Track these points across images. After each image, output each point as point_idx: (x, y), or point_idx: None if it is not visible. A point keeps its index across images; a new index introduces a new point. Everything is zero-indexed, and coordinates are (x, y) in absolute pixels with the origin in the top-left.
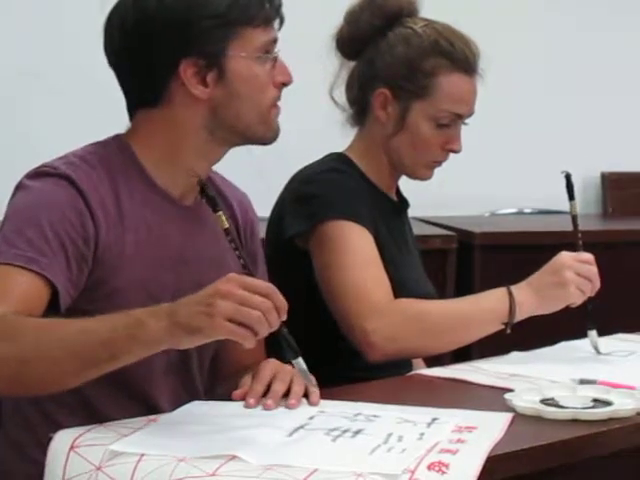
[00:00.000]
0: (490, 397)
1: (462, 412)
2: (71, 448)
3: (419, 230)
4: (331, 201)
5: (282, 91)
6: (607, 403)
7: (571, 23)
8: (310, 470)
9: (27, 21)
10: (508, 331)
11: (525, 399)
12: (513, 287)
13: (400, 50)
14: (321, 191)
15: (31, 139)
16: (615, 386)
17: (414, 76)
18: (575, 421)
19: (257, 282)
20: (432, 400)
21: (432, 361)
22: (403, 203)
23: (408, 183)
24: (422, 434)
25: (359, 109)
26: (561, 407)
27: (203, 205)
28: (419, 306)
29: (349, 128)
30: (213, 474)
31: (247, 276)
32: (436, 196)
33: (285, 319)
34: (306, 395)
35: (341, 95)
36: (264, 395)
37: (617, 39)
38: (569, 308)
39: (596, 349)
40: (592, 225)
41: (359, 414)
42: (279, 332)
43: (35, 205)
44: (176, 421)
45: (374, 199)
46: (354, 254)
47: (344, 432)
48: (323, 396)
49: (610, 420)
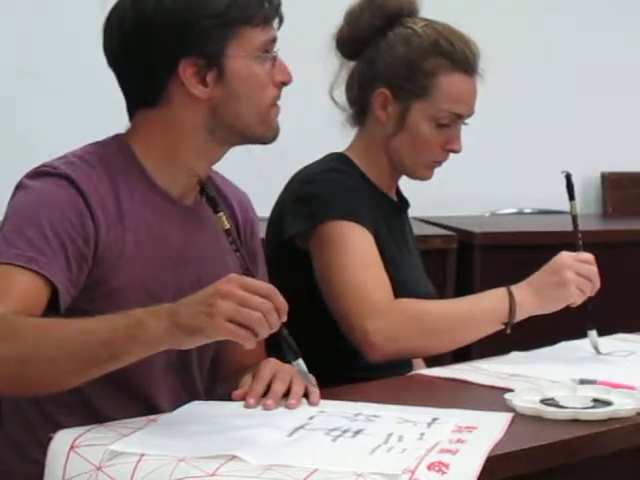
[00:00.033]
0: (490, 397)
1: (462, 412)
2: (71, 448)
3: (419, 230)
4: (331, 201)
5: (282, 90)
6: (607, 403)
7: (571, 23)
8: (310, 470)
9: (27, 21)
10: (508, 331)
11: (525, 399)
12: (513, 287)
13: (400, 50)
14: (321, 191)
15: (31, 139)
16: (615, 386)
17: (414, 76)
18: (575, 421)
19: (258, 283)
20: (432, 400)
21: (432, 361)
22: (403, 203)
23: (408, 183)
24: (422, 434)
25: (359, 109)
26: (561, 407)
27: (203, 205)
28: (419, 306)
29: (349, 128)
30: (213, 474)
31: (248, 277)
32: (436, 196)
33: (285, 320)
34: (306, 395)
35: (341, 95)
36: (264, 395)
37: (617, 39)
38: (569, 308)
39: (596, 349)
40: (592, 225)
41: (359, 414)
42: (279, 333)
43: (35, 205)
44: (176, 421)
45: (374, 199)
46: (354, 254)
47: (344, 432)
48: (323, 396)
49: (610, 420)
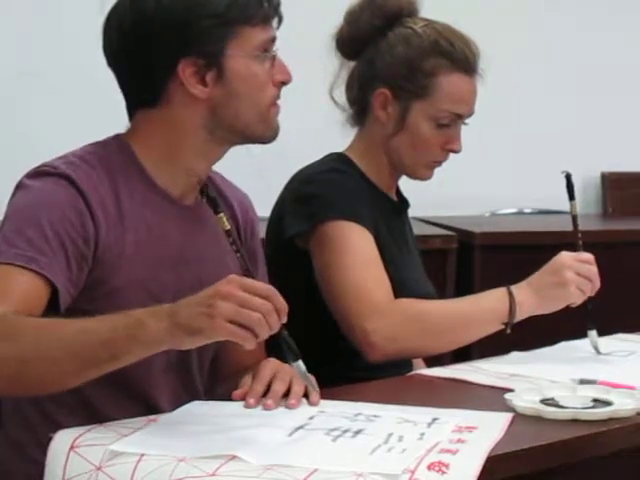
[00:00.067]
0: (490, 397)
1: (462, 412)
2: (71, 448)
3: (419, 230)
4: (331, 201)
5: (282, 90)
6: (607, 403)
7: (571, 23)
8: (310, 470)
9: (27, 21)
10: (508, 331)
11: (525, 399)
12: (513, 287)
13: (400, 50)
14: (321, 191)
15: (31, 139)
16: (615, 386)
17: (414, 76)
18: (575, 421)
19: (258, 284)
20: (432, 400)
21: (432, 361)
22: (403, 203)
23: (408, 183)
24: (422, 434)
25: (359, 109)
26: (561, 407)
27: (203, 205)
28: (419, 306)
29: (349, 128)
30: (213, 474)
31: (248, 278)
32: (436, 196)
33: (285, 321)
34: (306, 395)
35: (341, 95)
36: (264, 395)
37: (617, 39)
38: (569, 308)
39: (596, 349)
40: (592, 225)
41: (359, 414)
42: (279, 334)
43: (35, 205)
44: (176, 421)
45: (374, 199)
46: (354, 254)
47: (344, 432)
48: (323, 396)
49: (610, 420)
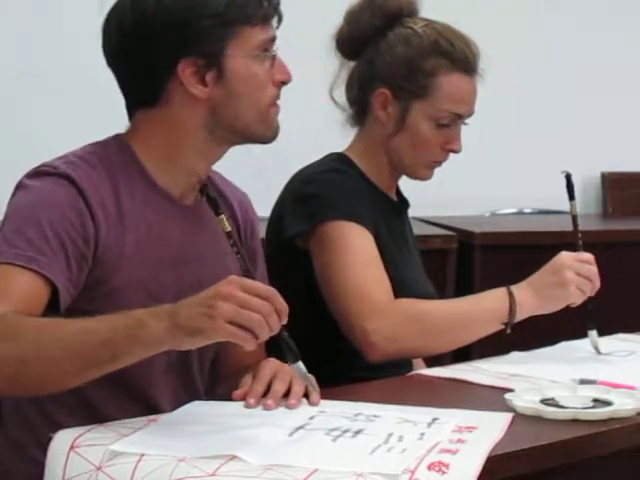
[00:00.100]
0: (490, 397)
1: (462, 412)
2: (71, 448)
3: (419, 230)
4: (331, 201)
5: (282, 90)
6: (607, 403)
7: (571, 23)
8: (310, 470)
9: (27, 21)
10: (508, 331)
11: (525, 399)
12: (513, 287)
13: (400, 50)
14: (321, 191)
15: (31, 139)
16: (615, 386)
17: (414, 76)
18: (575, 421)
19: (258, 285)
20: (432, 400)
21: (432, 361)
22: (403, 203)
23: (408, 183)
24: (422, 434)
25: (359, 109)
26: (561, 407)
27: (203, 204)
28: (419, 306)
29: (349, 128)
30: (213, 474)
31: (248, 279)
32: (436, 196)
33: (286, 323)
34: (306, 395)
35: (341, 95)
36: (264, 395)
37: (617, 39)
38: (569, 308)
39: (596, 349)
40: (592, 225)
41: (359, 414)
42: (279, 336)
43: (35, 204)
44: (176, 421)
45: (374, 199)
46: (354, 254)
47: (344, 432)
48: (323, 396)
49: (610, 420)
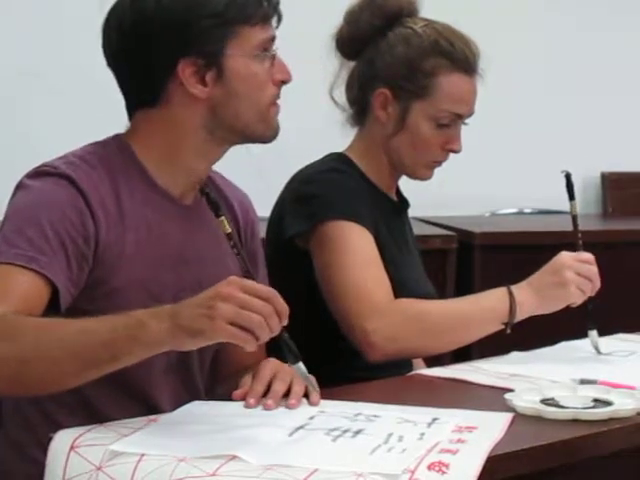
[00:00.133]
0: (490, 397)
1: (462, 412)
2: (71, 448)
3: (419, 230)
4: (331, 201)
5: (282, 90)
6: (607, 403)
7: (571, 23)
8: (310, 470)
9: (27, 21)
10: (508, 331)
11: (525, 399)
12: (513, 287)
13: (400, 50)
14: (321, 191)
15: (31, 139)
16: (615, 386)
17: (414, 76)
18: (575, 421)
19: (258, 286)
20: (432, 400)
21: (432, 361)
22: (403, 203)
23: (408, 183)
24: (422, 434)
25: (359, 109)
26: (561, 407)
27: (203, 204)
28: (419, 306)
29: (349, 128)
30: (213, 474)
31: (248, 279)
32: (436, 196)
33: (286, 324)
34: (306, 395)
35: (341, 95)
36: (264, 395)
37: (617, 39)
38: (569, 308)
39: (597, 349)
40: (592, 225)
41: (359, 414)
42: (280, 337)
43: (35, 204)
44: (176, 421)
45: (374, 199)
46: (354, 254)
47: (344, 432)
48: (323, 396)
49: (610, 420)
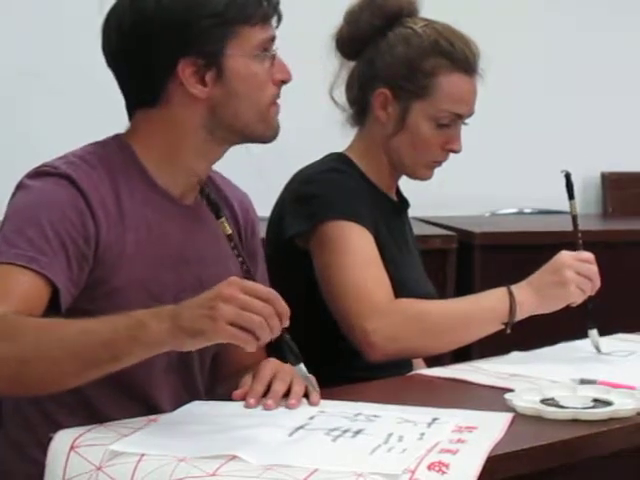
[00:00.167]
0: (490, 397)
1: (462, 412)
2: (71, 448)
3: (419, 230)
4: (331, 201)
5: (281, 89)
6: (607, 403)
7: (571, 23)
8: (310, 470)
9: (27, 21)
10: (508, 331)
11: (525, 399)
12: (513, 286)
13: (400, 50)
14: (321, 191)
15: (31, 139)
16: (615, 386)
17: (414, 76)
18: (575, 421)
19: (259, 287)
20: (432, 400)
21: (432, 361)
22: (403, 203)
23: (408, 183)
24: (422, 434)
25: (359, 109)
26: (561, 407)
27: (203, 204)
28: (419, 306)
29: (349, 128)
30: (213, 474)
31: (249, 280)
32: (436, 196)
33: (287, 325)
34: (306, 395)
35: (341, 95)
36: (264, 395)
37: (617, 39)
38: (569, 308)
39: (597, 348)
40: (592, 225)
41: (359, 414)
42: (281, 338)
43: (35, 205)
44: (176, 421)
45: (374, 199)
46: (354, 254)
47: (344, 432)
48: (323, 396)
49: (610, 420)
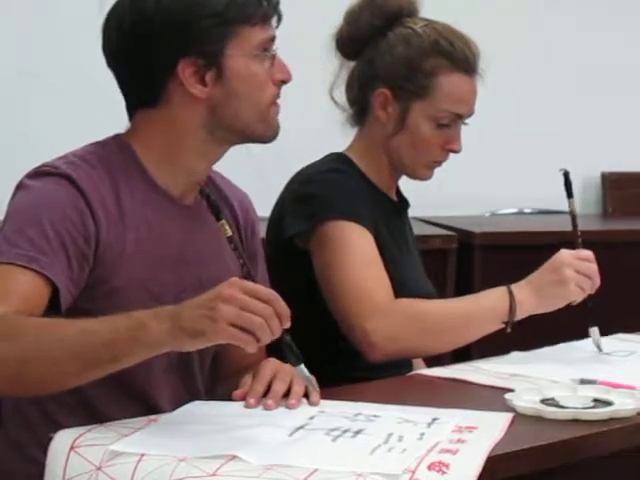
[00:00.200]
0: (490, 397)
1: (462, 412)
2: (71, 448)
3: (419, 230)
4: (331, 201)
5: (282, 89)
6: (607, 403)
7: (571, 23)
8: (310, 470)
9: (27, 21)
10: (508, 330)
11: (525, 399)
12: (513, 286)
13: (400, 50)
14: (321, 191)
15: (31, 139)
16: (615, 386)
17: (414, 76)
18: (575, 421)
19: (259, 288)
20: (432, 400)
21: (432, 361)
22: (403, 203)
23: (408, 183)
24: (422, 434)
25: (359, 109)
26: (561, 407)
27: (203, 204)
28: (419, 306)
29: (349, 128)
30: (213, 474)
31: (249, 281)
32: (436, 196)
33: (288, 327)
34: (306, 395)
35: (341, 95)
36: (264, 395)
37: (617, 39)
38: (570, 307)
39: (598, 346)
40: (592, 225)
41: (359, 414)
42: (282, 339)
43: (36, 204)
44: (176, 421)
45: (374, 199)
46: (354, 254)
47: (344, 432)
48: (323, 396)
49: (610, 420)
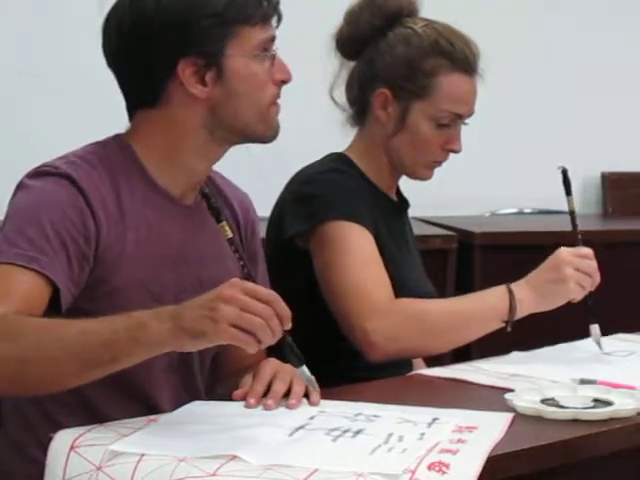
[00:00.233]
0: (490, 397)
1: (462, 412)
2: (71, 448)
3: (419, 230)
4: (331, 201)
5: (282, 89)
6: (607, 403)
7: (571, 23)
8: (310, 470)
9: (27, 21)
10: (508, 329)
11: (525, 399)
12: (513, 285)
13: (400, 50)
14: (321, 191)
15: (31, 139)
16: (615, 386)
17: (414, 76)
18: (575, 421)
19: (260, 289)
20: (432, 400)
21: (432, 361)
22: (403, 203)
23: (408, 183)
24: (422, 434)
25: (359, 109)
26: (561, 407)
27: (203, 204)
28: (419, 306)
29: (349, 128)
30: (213, 474)
31: (249, 282)
32: (436, 196)
33: (289, 328)
34: (306, 395)
35: (341, 95)
36: (265, 395)
37: (617, 39)
38: (570, 306)
39: (598, 344)
40: (592, 225)
41: (359, 414)
42: (283, 340)
43: (36, 204)
44: (176, 421)
45: (374, 199)
46: (354, 254)
47: (344, 432)
48: (323, 396)
49: (610, 420)
